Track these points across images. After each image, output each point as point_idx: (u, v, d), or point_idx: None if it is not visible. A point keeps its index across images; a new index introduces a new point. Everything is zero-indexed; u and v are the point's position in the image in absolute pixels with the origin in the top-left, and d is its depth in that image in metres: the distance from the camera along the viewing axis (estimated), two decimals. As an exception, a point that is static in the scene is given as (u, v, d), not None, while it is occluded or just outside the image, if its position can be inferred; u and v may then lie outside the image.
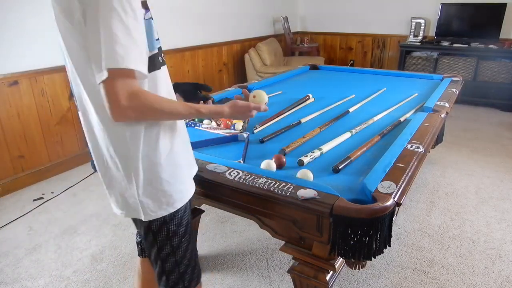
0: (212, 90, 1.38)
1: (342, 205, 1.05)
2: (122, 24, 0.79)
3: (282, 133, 1.79)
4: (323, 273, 1.26)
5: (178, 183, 1.04)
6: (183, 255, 1.11)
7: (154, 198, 1.00)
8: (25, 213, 2.53)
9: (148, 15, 0.91)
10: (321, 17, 6.08)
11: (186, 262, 1.12)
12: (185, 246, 1.11)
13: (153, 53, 0.94)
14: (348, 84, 2.97)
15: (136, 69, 0.81)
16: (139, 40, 0.84)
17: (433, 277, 1.88)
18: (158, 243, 1.07)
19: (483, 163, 3.17)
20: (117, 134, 0.94)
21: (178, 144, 1.05)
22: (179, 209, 1.05)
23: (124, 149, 0.95)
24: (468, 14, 4.88)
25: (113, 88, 0.80)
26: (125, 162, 0.96)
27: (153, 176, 0.98)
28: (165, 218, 1.04)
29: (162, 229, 1.05)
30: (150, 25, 0.92)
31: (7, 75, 2.66)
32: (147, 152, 0.96)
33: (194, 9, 4.19)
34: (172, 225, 1.06)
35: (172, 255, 1.09)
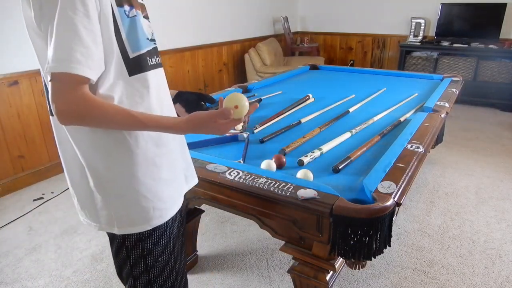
0: (216, 102, 1.27)
1: (342, 205, 1.05)
2: (70, 22, 0.74)
3: (282, 133, 1.79)
4: (323, 273, 1.26)
5: (157, 200, 0.95)
6: (158, 275, 1.03)
7: (128, 212, 0.93)
8: (25, 213, 2.53)
9: (133, 12, 0.86)
10: (321, 17, 6.08)
11: (160, 282, 1.04)
12: (161, 267, 1.03)
13: (138, 53, 0.88)
14: (348, 84, 2.97)
15: (79, 74, 0.75)
16: (88, 41, 0.76)
17: (433, 277, 1.88)
18: (132, 260, 0.99)
19: (483, 163, 3.16)
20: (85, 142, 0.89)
21: (164, 157, 0.96)
22: (157, 227, 0.97)
23: (95, 158, 0.90)
24: (468, 14, 4.87)
25: (55, 93, 0.76)
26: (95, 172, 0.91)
27: (128, 190, 0.91)
28: (141, 235, 0.96)
29: (136, 246, 0.97)
30: (134, 23, 0.87)
31: (7, 75, 2.66)
32: (121, 162, 0.90)
33: (194, 9, 4.19)
34: (148, 243, 0.98)
35: (146, 273, 1.01)
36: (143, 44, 0.89)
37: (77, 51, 0.75)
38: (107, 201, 0.93)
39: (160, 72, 0.98)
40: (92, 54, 0.77)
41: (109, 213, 0.94)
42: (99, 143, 0.89)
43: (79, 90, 0.77)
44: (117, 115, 0.82)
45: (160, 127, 0.87)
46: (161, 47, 3.80)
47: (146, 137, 0.92)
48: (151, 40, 0.93)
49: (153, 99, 0.93)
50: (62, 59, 0.74)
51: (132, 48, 0.87)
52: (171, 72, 4.03)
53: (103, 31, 0.80)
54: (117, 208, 0.93)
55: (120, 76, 0.86)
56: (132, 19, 0.86)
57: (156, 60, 0.95)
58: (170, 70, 4.01)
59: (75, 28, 0.74)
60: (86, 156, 0.91)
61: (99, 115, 0.80)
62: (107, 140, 0.89)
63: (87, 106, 0.78)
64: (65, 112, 0.77)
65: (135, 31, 0.87)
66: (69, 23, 0.74)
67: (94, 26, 0.78)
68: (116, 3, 0.83)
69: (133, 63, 0.87)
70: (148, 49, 0.91)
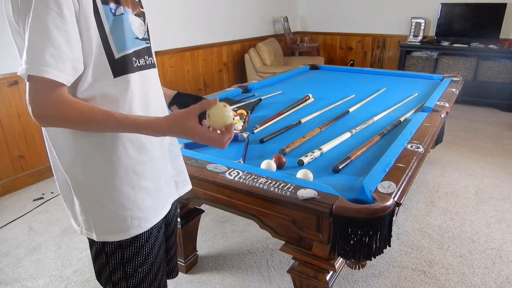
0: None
1: (342, 205, 1.05)
2: (42, 22, 0.71)
3: (282, 133, 1.79)
4: (323, 273, 1.27)
5: (136, 209, 0.91)
6: (137, 285, 1.00)
7: (105, 220, 0.90)
8: (25, 213, 2.53)
9: (120, 10, 0.82)
10: (321, 17, 6.08)
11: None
12: (141, 277, 0.99)
13: (123, 54, 0.84)
14: (348, 84, 2.97)
15: (45, 77, 0.72)
16: (61, 41, 0.73)
17: (433, 277, 1.88)
18: (111, 266, 0.97)
19: (483, 163, 3.16)
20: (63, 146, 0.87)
21: (146, 165, 0.92)
22: (138, 236, 0.94)
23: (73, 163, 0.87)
24: (468, 14, 4.87)
25: (28, 95, 0.74)
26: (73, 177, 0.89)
27: (105, 197, 0.88)
28: (121, 242, 0.93)
29: (116, 253, 0.95)
30: (120, 21, 0.82)
31: (7, 75, 2.66)
32: (98, 169, 0.87)
33: (194, 9, 4.19)
34: (128, 252, 0.95)
35: (124, 281, 0.98)
36: (129, 44, 0.85)
37: (47, 53, 0.72)
38: (85, 207, 0.91)
39: (151, 73, 0.93)
40: (63, 56, 0.74)
41: (87, 219, 0.92)
42: (77, 148, 0.86)
43: (53, 92, 0.74)
44: (95, 115, 0.78)
45: (138, 126, 0.81)
46: (161, 47, 3.82)
47: (126, 143, 0.88)
48: (142, 40, 0.88)
49: (135, 102, 0.88)
50: (32, 61, 0.72)
51: (118, 48, 0.83)
52: (171, 72, 4.03)
53: (82, 31, 0.77)
54: (95, 215, 0.90)
55: (102, 77, 0.82)
56: (118, 17, 0.82)
57: (146, 61, 0.91)
58: (170, 70, 4.01)
59: (46, 29, 0.71)
60: (64, 161, 0.89)
61: (74, 116, 0.76)
62: (85, 145, 0.86)
63: (62, 108, 0.75)
64: (40, 114, 0.75)
65: (121, 30, 0.83)
66: (41, 23, 0.71)
67: (68, 26, 0.74)
68: (101, 1, 0.79)
69: (119, 63, 0.83)
70: (136, 49, 0.87)
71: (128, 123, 0.80)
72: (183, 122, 0.80)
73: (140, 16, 0.89)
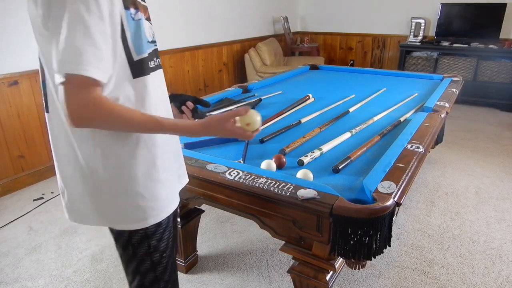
0: (210, 106, 1.31)
1: (342, 205, 1.05)
2: (82, 23, 0.74)
3: (282, 133, 1.80)
4: (323, 273, 1.27)
5: (154, 200, 0.97)
6: (163, 271, 1.07)
7: (124, 210, 0.95)
8: (25, 213, 2.53)
9: (138, 15, 0.86)
10: (321, 17, 6.08)
11: (166, 278, 1.08)
12: (165, 262, 1.07)
13: (141, 57, 0.89)
14: (348, 84, 2.97)
15: (91, 76, 0.74)
16: (101, 42, 0.76)
17: (433, 277, 1.88)
18: (138, 257, 1.02)
19: (483, 163, 3.17)
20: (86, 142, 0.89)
21: (163, 158, 0.99)
22: (161, 223, 1.00)
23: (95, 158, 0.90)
24: (468, 14, 4.87)
25: (67, 95, 0.75)
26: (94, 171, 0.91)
27: (126, 190, 0.93)
28: (147, 232, 0.99)
29: (143, 244, 1.01)
30: (139, 26, 0.87)
31: (7, 75, 2.66)
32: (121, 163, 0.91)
33: (194, 9, 4.19)
34: (153, 240, 1.01)
35: (152, 271, 1.05)
36: (145, 47, 0.90)
37: (88, 52, 0.74)
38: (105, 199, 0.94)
39: (160, 73, 0.98)
40: (103, 56, 0.77)
41: (111, 212, 0.96)
42: (100, 143, 0.89)
43: (92, 92, 0.76)
44: (134, 118, 0.83)
45: (179, 129, 0.91)
46: (161, 47, 3.80)
47: (146, 139, 0.93)
48: (151, 42, 0.93)
49: (153, 101, 0.93)
50: (71, 61, 0.73)
51: (137, 51, 0.87)
52: (171, 72, 4.03)
53: (111, 34, 0.81)
54: (118, 207, 0.95)
55: (125, 78, 0.86)
56: (137, 22, 0.86)
57: (156, 62, 0.96)
58: (170, 70, 4.01)
59: (87, 29, 0.74)
60: (86, 155, 0.90)
61: (113, 118, 0.80)
62: (109, 141, 0.89)
63: (101, 109, 0.77)
64: (78, 115, 0.76)
65: (140, 34, 0.87)
66: (81, 24, 0.74)
67: (106, 28, 0.78)
68: (123, 6, 0.83)
69: (137, 66, 0.88)
70: (149, 52, 0.92)
71: (170, 127, 0.89)
72: (222, 124, 0.93)
73: (149, 20, 0.94)
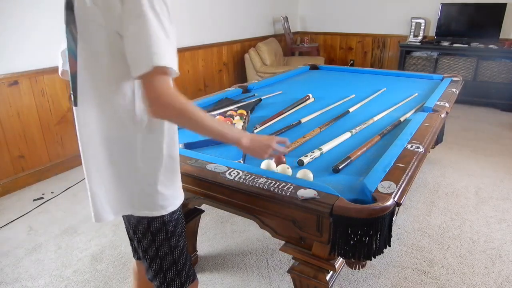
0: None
1: (342, 205, 1.05)
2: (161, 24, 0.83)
3: (282, 133, 1.79)
4: (323, 273, 1.26)
5: (173, 188, 1.08)
6: (180, 253, 1.15)
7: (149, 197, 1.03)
8: (25, 213, 2.53)
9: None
10: (321, 17, 6.08)
11: (182, 260, 1.16)
12: (181, 245, 1.15)
13: None
14: (348, 84, 2.97)
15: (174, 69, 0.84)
16: (173, 41, 0.86)
17: (433, 277, 1.88)
18: (157, 243, 1.09)
19: (483, 163, 3.17)
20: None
21: (176, 148, 1.07)
22: (175, 211, 1.09)
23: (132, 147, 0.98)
24: (468, 14, 4.87)
25: (152, 84, 0.83)
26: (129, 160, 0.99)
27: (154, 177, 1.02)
28: (164, 219, 1.07)
29: (161, 230, 1.08)
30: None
31: (7, 75, 2.66)
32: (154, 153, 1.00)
33: (194, 9, 4.19)
34: (170, 226, 1.09)
35: (170, 254, 1.13)
36: None
37: (170, 49, 0.84)
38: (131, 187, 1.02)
39: None
40: (175, 53, 0.87)
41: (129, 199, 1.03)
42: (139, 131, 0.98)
43: (172, 84, 0.86)
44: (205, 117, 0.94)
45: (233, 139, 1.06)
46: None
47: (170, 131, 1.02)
48: None
49: None
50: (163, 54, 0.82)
51: None
52: (171, 72, 4.02)
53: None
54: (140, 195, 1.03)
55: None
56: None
57: None
58: (170, 70, 4.01)
59: (165, 27, 0.84)
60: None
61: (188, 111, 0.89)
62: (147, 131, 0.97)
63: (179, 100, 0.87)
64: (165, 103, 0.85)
65: None
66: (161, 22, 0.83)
67: (174, 30, 0.88)
68: None
69: None
70: None
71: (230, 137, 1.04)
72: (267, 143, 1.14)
73: None
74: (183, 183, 1.40)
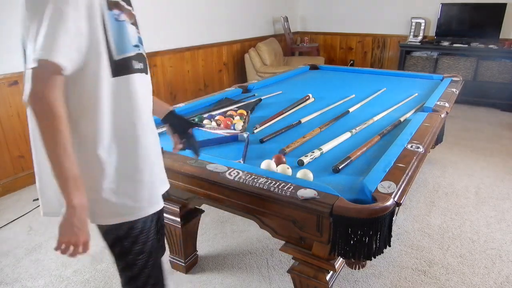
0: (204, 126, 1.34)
1: (342, 205, 1.05)
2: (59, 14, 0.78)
3: (282, 133, 1.79)
4: (323, 273, 1.27)
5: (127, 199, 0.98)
6: (139, 272, 1.09)
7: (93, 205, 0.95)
8: (25, 213, 2.53)
9: (122, 17, 0.91)
10: (321, 17, 6.07)
11: (143, 279, 1.10)
12: (141, 264, 1.08)
13: (123, 56, 0.92)
14: (348, 84, 2.97)
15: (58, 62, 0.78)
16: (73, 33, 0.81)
17: (433, 277, 1.88)
18: (114, 255, 1.08)
19: (483, 163, 3.16)
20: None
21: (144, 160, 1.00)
22: (134, 227, 1.02)
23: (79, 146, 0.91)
24: (468, 14, 4.87)
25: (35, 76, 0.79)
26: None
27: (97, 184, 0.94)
28: (119, 234, 1.01)
29: (115, 245, 1.04)
30: (122, 27, 0.91)
31: (7, 75, 2.66)
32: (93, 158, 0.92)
33: (194, 9, 4.19)
34: (127, 242, 1.03)
35: (127, 270, 1.09)
36: (129, 48, 0.93)
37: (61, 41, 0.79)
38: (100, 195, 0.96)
39: (142, 78, 0.99)
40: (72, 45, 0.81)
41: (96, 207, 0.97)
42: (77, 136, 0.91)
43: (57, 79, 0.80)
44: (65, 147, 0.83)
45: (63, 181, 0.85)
46: (161, 47, 3.82)
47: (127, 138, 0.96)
48: (135, 46, 0.96)
49: (139, 101, 0.97)
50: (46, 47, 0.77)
51: (118, 51, 0.90)
52: (171, 72, 4.03)
53: (91, 30, 0.85)
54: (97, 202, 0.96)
55: (104, 76, 0.89)
56: (121, 23, 0.91)
57: (139, 66, 0.97)
58: (170, 70, 4.01)
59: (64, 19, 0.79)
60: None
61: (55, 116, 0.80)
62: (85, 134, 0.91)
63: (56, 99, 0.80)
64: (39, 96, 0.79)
65: (122, 35, 0.91)
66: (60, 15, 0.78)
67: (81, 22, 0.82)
68: (107, 7, 0.87)
69: (118, 65, 0.91)
70: (133, 54, 0.95)
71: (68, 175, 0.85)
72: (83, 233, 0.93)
73: (135, 25, 0.97)
74: (183, 183, 1.40)
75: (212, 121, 1.88)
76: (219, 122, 1.86)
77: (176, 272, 1.94)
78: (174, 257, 1.92)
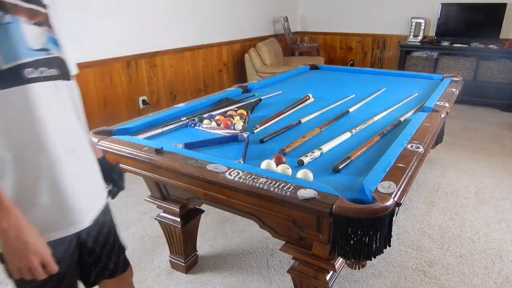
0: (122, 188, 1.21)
1: (342, 205, 1.05)
2: None
3: (282, 133, 1.79)
4: (323, 273, 1.27)
5: None
6: None
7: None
8: None
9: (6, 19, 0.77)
10: (321, 17, 6.08)
11: None
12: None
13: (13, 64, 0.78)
14: (348, 84, 2.97)
15: None
16: None
17: (433, 277, 1.88)
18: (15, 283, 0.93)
19: (483, 163, 3.17)
20: None
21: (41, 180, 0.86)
22: None
23: None
24: (468, 14, 4.87)
25: None
26: None
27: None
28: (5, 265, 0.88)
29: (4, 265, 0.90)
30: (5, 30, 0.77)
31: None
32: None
33: (194, 9, 4.19)
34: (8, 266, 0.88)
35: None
36: (22, 53, 0.80)
37: None
38: None
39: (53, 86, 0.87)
40: None
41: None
42: None
43: None
44: None
45: None
46: (161, 47, 3.82)
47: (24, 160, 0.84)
48: (40, 50, 0.84)
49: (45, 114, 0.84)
50: None
51: (4, 58, 0.77)
52: (171, 72, 4.03)
53: None
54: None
55: None
56: (3, 26, 0.77)
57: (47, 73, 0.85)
58: (170, 70, 4.01)
59: None
60: None
61: None
62: None
63: None
64: None
65: (7, 39, 0.78)
66: None
67: None
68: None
69: (6, 74, 0.78)
70: (32, 59, 0.81)
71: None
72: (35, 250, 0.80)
73: (42, 25, 0.85)
74: (183, 183, 1.40)
75: (212, 121, 1.88)
76: (219, 122, 1.86)
77: (176, 272, 1.94)
78: (174, 257, 1.92)
